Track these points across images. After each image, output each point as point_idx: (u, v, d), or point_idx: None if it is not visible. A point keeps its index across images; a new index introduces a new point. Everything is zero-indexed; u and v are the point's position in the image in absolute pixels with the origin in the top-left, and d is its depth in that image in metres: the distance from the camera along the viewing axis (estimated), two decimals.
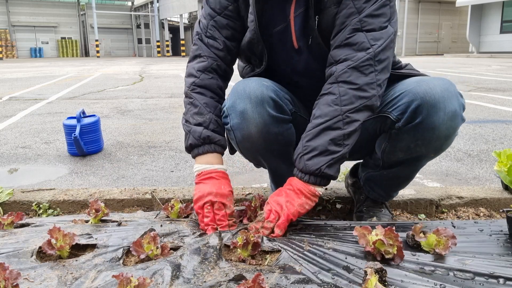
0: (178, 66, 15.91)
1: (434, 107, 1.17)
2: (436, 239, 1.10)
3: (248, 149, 1.33)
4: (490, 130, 3.59)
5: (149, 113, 4.79)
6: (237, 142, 1.31)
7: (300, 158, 1.20)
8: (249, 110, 1.23)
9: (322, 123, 1.18)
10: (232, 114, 1.26)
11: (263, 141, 1.27)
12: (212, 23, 1.34)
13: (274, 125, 1.25)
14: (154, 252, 1.10)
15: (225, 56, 1.36)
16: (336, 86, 1.19)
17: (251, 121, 1.23)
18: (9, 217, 1.35)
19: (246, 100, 1.23)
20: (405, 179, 1.44)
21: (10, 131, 3.81)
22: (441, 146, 1.25)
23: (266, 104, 1.23)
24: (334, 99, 1.18)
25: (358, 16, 1.17)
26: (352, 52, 1.17)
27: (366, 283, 0.91)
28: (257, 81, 1.27)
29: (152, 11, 34.89)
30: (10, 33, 35.10)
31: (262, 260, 1.11)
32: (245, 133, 1.26)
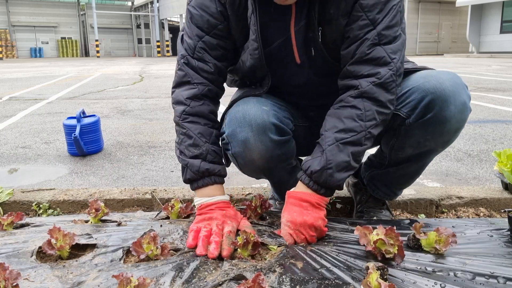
0: None
1: (446, 101, 1.17)
2: (437, 237, 1.10)
3: (251, 172, 1.33)
4: (490, 130, 3.59)
5: (149, 113, 4.79)
6: (240, 167, 1.31)
7: (322, 172, 1.15)
8: (251, 139, 1.19)
9: (346, 138, 1.16)
10: (233, 142, 1.22)
11: (266, 164, 1.26)
12: (200, 44, 1.24)
13: (277, 148, 1.24)
14: (154, 252, 1.10)
15: (216, 79, 1.28)
16: (361, 100, 1.16)
17: (254, 149, 1.20)
18: (9, 217, 1.35)
19: (247, 128, 1.19)
20: (412, 175, 1.42)
21: (10, 131, 3.81)
22: (450, 139, 1.26)
23: (268, 131, 1.20)
24: (360, 114, 1.16)
25: (374, 29, 1.14)
26: (374, 68, 1.16)
27: (368, 277, 0.91)
28: (256, 106, 1.21)
29: (152, 11, 34.89)
30: (10, 33, 35.10)
31: (262, 259, 1.11)
32: (248, 160, 1.23)
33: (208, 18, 1.22)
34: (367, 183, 1.53)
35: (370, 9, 1.14)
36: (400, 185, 1.48)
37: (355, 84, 1.17)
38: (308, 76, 1.32)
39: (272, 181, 1.51)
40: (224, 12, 1.22)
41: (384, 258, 1.06)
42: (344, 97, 1.19)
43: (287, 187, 1.30)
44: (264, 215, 1.40)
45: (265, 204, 1.38)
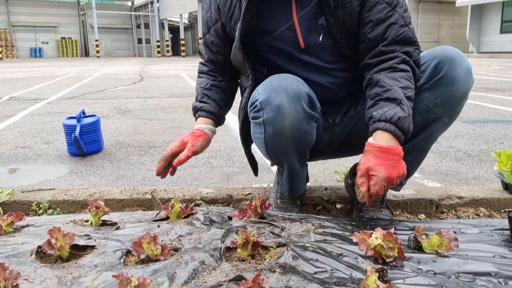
0: (178, 66, 15.91)
1: (454, 61, 1.28)
2: (439, 240, 1.10)
3: (276, 146, 1.33)
4: (490, 130, 3.59)
5: (149, 113, 4.79)
6: (265, 137, 1.31)
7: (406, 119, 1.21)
8: (286, 105, 1.24)
9: (407, 93, 1.23)
10: (266, 108, 1.26)
11: (292, 138, 1.29)
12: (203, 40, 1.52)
13: (306, 121, 1.29)
14: (154, 252, 1.10)
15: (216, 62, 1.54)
16: (405, 65, 1.26)
17: (286, 115, 1.25)
18: (9, 217, 1.34)
19: (283, 94, 1.24)
20: (418, 153, 1.42)
21: (10, 131, 3.81)
22: (456, 106, 1.32)
23: (302, 100, 1.26)
24: (409, 75, 1.26)
25: (395, 11, 1.27)
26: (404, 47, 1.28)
27: (366, 280, 0.91)
28: (292, 77, 1.30)
29: (152, 11, 34.89)
30: (10, 33, 35.10)
31: (262, 259, 1.11)
32: (277, 128, 1.26)
33: (207, 19, 1.46)
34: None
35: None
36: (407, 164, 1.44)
37: (396, 55, 1.27)
38: (316, 59, 1.38)
39: (287, 168, 1.47)
40: (218, 12, 1.41)
41: (385, 262, 1.06)
42: (390, 64, 1.27)
43: (297, 181, 1.47)
44: (264, 215, 1.40)
45: (265, 204, 1.38)
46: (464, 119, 4.08)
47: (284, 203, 1.55)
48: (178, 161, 1.38)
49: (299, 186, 1.54)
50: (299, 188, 1.55)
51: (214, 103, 1.52)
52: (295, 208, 1.54)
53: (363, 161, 1.21)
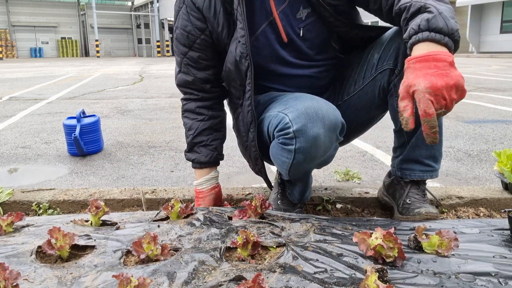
0: None
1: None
2: (439, 240, 1.10)
3: (302, 170, 1.31)
4: (490, 130, 3.59)
5: (149, 113, 4.79)
6: (292, 163, 1.26)
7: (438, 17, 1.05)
8: (322, 136, 1.19)
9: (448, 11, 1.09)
10: (301, 138, 1.19)
11: (320, 163, 1.32)
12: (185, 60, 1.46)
13: (335, 148, 1.30)
14: (154, 252, 1.10)
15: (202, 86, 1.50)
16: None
17: (321, 146, 1.21)
18: (9, 217, 1.34)
19: (320, 124, 1.18)
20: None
21: (10, 131, 3.81)
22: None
23: (337, 130, 1.23)
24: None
25: None
26: None
27: (366, 280, 0.91)
28: (327, 104, 1.24)
29: (152, 11, 34.89)
30: (10, 33, 35.11)
31: (262, 259, 1.11)
32: (310, 156, 1.22)
33: (188, 35, 1.40)
34: (401, 173, 1.47)
35: None
36: (430, 153, 1.41)
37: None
38: (298, 51, 1.39)
39: (303, 183, 1.47)
40: (202, 20, 1.37)
41: (385, 262, 1.06)
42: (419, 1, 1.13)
43: (307, 191, 1.50)
44: (264, 215, 1.40)
45: (265, 204, 1.38)
46: (464, 119, 4.08)
47: (284, 204, 1.55)
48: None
49: (309, 194, 1.56)
50: (308, 196, 1.56)
51: (205, 150, 1.52)
52: (295, 209, 1.54)
53: (403, 81, 1.06)
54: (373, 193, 1.71)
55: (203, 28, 1.38)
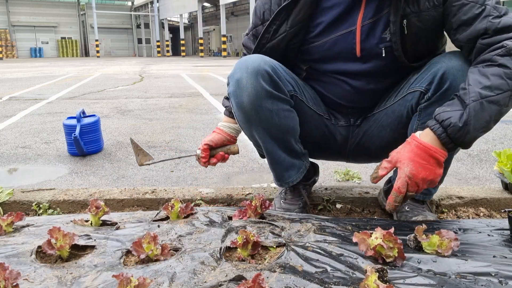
0: (178, 66, 15.91)
1: (460, 70, 1.22)
2: (439, 240, 1.10)
3: (244, 122, 1.38)
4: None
5: (149, 113, 4.79)
6: (234, 111, 1.38)
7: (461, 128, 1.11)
8: (244, 79, 1.30)
9: (492, 96, 1.11)
10: (230, 82, 1.35)
11: (256, 115, 1.33)
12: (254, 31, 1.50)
13: (268, 100, 1.31)
14: (154, 252, 1.10)
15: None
16: (509, 59, 1.12)
17: (244, 89, 1.30)
18: (9, 217, 1.34)
19: (244, 69, 1.31)
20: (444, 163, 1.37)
21: (10, 131, 3.81)
22: None
23: (260, 76, 1.30)
24: (508, 72, 1.12)
25: (486, 5, 1.17)
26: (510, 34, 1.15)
27: (366, 280, 0.91)
28: (258, 56, 1.35)
29: (152, 11, 34.90)
30: (10, 33, 35.12)
31: (262, 259, 1.11)
32: (238, 101, 1.33)
33: (264, 11, 1.43)
34: None
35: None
36: None
37: (502, 44, 1.14)
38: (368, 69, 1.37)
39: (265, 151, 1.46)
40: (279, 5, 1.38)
41: (385, 262, 1.06)
42: (490, 56, 1.15)
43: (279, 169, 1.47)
44: (264, 215, 1.40)
45: (265, 204, 1.38)
46: None
47: (286, 203, 1.55)
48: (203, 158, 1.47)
49: (287, 177, 1.49)
50: (287, 178, 1.49)
51: None
52: (296, 208, 1.54)
53: (398, 150, 1.18)
54: (373, 193, 1.71)
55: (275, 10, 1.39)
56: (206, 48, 37.81)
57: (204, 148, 1.47)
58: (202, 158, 1.47)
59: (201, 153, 1.47)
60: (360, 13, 1.31)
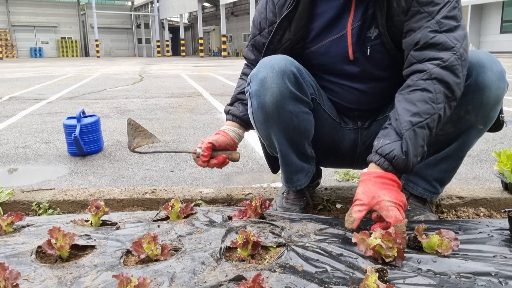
0: (178, 66, 15.91)
1: (483, 67, 1.23)
2: (439, 240, 1.10)
3: (262, 122, 1.35)
4: None
5: (149, 113, 4.79)
6: (253, 111, 1.35)
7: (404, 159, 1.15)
8: (269, 79, 1.28)
9: (421, 121, 1.16)
10: (253, 81, 1.31)
11: (277, 115, 1.31)
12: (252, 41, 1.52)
13: (291, 101, 1.30)
14: (154, 252, 1.10)
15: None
16: (431, 83, 1.17)
17: (268, 89, 1.28)
18: (9, 217, 1.35)
19: (269, 69, 1.29)
20: (453, 162, 1.39)
21: (10, 131, 3.81)
22: (490, 112, 1.27)
23: (286, 77, 1.28)
24: (431, 96, 1.17)
25: (433, 19, 1.21)
26: (439, 52, 1.19)
27: (366, 280, 0.91)
28: (283, 56, 1.33)
29: (152, 11, 34.90)
30: (10, 33, 35.12)
31: (262, 259, 1.11)
32: (261, 101, 1.30)
33: (261, 21, 1.46)
34: (405, 181, 1.48)
35: (425, 3, 1.22)
36: (440, 177, 1.43)
37: (423, 68, 1.20)
38: (362, 69, 1.38)
39: (279, 153, 1.45)
40: (274, 14, 1.42)
41: (384, 262, 1.06)
42: (413, 82, 1.21)
43: (291, 172, 1.46)
44: (264, 215, 1.40)
45: (265, 204, 1.38)
46: None
47: (288, 203, 1.55)
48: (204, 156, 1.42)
49: (296, 181, 1.51)
50: (295, 182, 1.51)
51: (243, 107, 1.51)
52: (296, 209, 1.54)
53: (362, 190, 1.16)
54: None
55: (273, 21, 1.42)
56: (206, 48, 37.82)
57: (207, 146, 1.42)
58: (202, 157, 1.41)
59: (203, 151, 1.41)
60: (350, 17, 1.33)
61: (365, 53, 1.34)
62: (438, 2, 1.21)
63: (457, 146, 1.36)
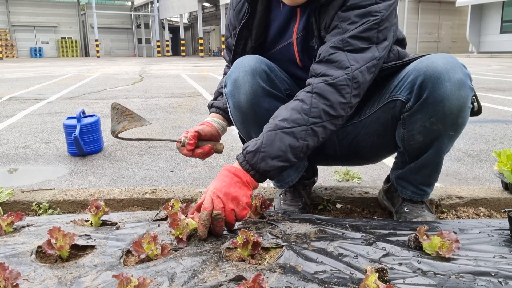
0: (178, 66, 15.91)
1: (439, 78, 1.19)
2: (440, 242, 1.10)
3: (241, 122, 1.38)
4: (490, 130, 3.59)
5: (149, 113, 4.79)
6: (231, 112, 1.38)
7: (255, 154, 1.18)
8: (241, 78, 1.31)
9: (287, 128, 1.18)
10: (228, 82, 1.35)
11: (253, 113, 1.33)
12: (225, 43, 1.54)
13: (265, 98, 1.32)
14: (154, 252, 1.10)
15: None
16: (310, 96, 1.19)
17: (241, 88, 1.31)
18: (9, 217, 1.34)
19: (240, 69, 1.32)
20: (433, 167, 1.38)
21: (10, 131, 3.81)
22: (456, 120, 1.24)
23: (257, 75, 1.31)
24: (305, 108, 1.18)
25: (342, 36, 1.20)
26: (331, 69, 1.19)
27: (366, 280, 0.91)
28: (254, 56, 1.35)
29: (152, 11, 34.89)
30: (10, 33, 35.11)
31: (262, 259, 1.11)
32: (236, 101, 1.33)
33: (229, 24, 1.50)
34: (396, 185, 1.50)
35: (344, 19, 1.21)
36: (425, 181, 1.43)
37: (310, 82, 1.22)
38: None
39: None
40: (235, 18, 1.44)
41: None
42: (299, 92, 1.24)
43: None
44: (264, 215, 1.40)
45: (265, 204, 1.38)
46: None
47: (286, 204, 1.55)
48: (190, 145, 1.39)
49: (286, 177, 1.51)
50: (286, 178, 1.51)
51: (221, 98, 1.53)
52: (296, 209, 1.54)
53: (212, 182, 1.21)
54: (373, 193, 1.72)
55: (235, 26, 1.46)
56: (206, 48, 37.81)
57: (194, 134, 1.39)
58: (188, 145, 1.38)
59: (189, 140, 1.38)
60: (296, 25, 1.36)
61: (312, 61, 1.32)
62: (356, 20, 1.20)
63: (433, 153, 1.34)
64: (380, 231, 1.27)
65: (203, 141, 1.44)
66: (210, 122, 1.48)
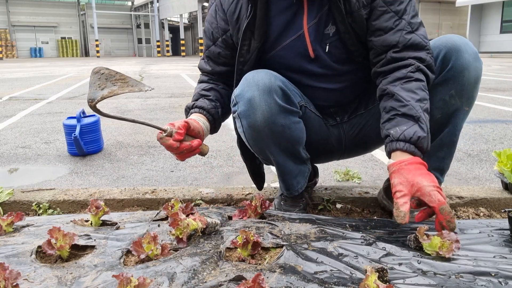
0: (178, 66, 15.90)
1: (460, 50, 1.29)
2: (441, 242, 1.10)
3: (254, 140, 1.34)
4: (490, 130, 3.59)
5: (149, 113, 4.79)
6: (244, 131, 1.33)
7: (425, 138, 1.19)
8: (257, 98, 1.26)
9: (425, 106, 1.23)
10: (240, 102, 1.29)
11: (269, 132, 1.30)
12: (207, 53, 1.50)
13: (281, 115, 1.29)
14: (154, 252, 1.10)
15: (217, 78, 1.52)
16: (420, 74, 1.25)
17: (257, 108, 1.27)
18: (9, 217, 1.35)
19: (254, 87, 1.27)
20: (447, 149, 1.40)
21: (10, 131, 3.81)
22: (472, 93, 1.33)
23: (273, 93, 1.27)
24: (424, 84, 1.25)
25: (402, 19, 1.28)
26: (416, 52, 1.27)
27: (366, 280, 0.91)
28: (266, 72, 1.32)
29: (152, 11, 34.89)
30: (10, 33, 35.10)
31: (262, 259, 1.11)
32: (251, 121, 1.28)
33: (213, 31, 1.45)
34: None
35: (391, 2, 1.28)
36: (439, 165, 1.43)
37: (409, 63, 1.27)
38: (324, 66, 1.40)
39: (275, 164, 1.44)
40: (226, 22, 1.41)
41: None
42: (403, 74, 1.26)
43: (289, 179, 1.45)
44: (264, 215, 1.40)
45: (265, 204, 1.38)
46: None
47: (286, 205, 1.55)
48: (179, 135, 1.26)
49: (296, 184, 1.51)
50: (296, 186, 1.51)
51: (209, 101, 1.43)
52: (296, 209, 1.54)
53: (399, 181, 1.15)
54: (373, 193, 1.72)
55: (225, 29, 1.42)
56: None
57: (183, 124, 1.26)
58: (177, 134, 1.23)
59: (177, 129, 1.24)
60: (304, 16, 1.34)
61: (325, 50, 1.37)
62: (402, 0, 1.29)
63: (449, 131, 1.38)
64: (380, 231, 1.27)
65: (189, 136, 1.29)
66: (197, 121, 1.35)
